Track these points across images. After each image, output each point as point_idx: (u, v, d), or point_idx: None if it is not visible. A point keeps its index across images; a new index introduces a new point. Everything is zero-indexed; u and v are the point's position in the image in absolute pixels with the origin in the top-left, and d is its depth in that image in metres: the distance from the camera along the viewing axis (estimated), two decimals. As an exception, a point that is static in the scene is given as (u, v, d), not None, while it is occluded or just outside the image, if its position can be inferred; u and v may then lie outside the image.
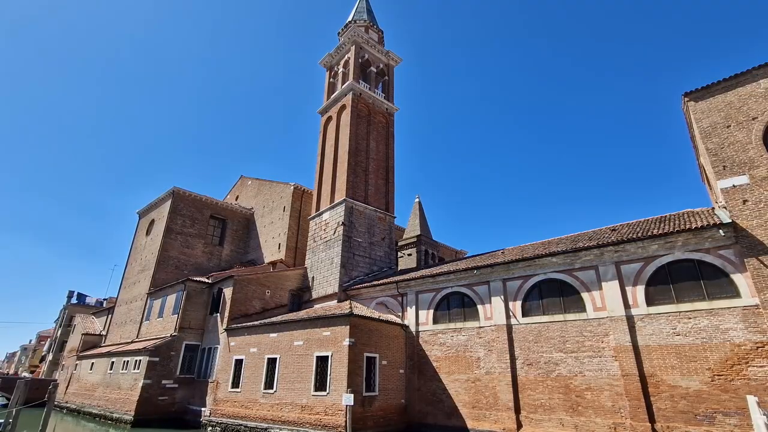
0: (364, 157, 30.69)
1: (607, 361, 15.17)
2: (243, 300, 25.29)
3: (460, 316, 20.10)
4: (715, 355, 13.19)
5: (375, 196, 30.31)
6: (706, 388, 13.07)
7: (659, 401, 13.78)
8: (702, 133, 15.42)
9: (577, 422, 15.18)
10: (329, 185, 30.10)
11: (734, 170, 14.25)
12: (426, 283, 21.71)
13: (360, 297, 24.65)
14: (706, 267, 14.20)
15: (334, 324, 18.97)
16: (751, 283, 13.07)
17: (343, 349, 18.05)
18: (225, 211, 38.55)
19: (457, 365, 19.23)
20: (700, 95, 15.81)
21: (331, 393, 17.67)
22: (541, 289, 17.88)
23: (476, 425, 17.62)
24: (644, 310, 14.91)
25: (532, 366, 16.95)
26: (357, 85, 31.89)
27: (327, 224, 28.64)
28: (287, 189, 35.97)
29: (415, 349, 20.95)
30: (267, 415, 19.69)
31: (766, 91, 14.40)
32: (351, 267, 26.47)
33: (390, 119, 34.00)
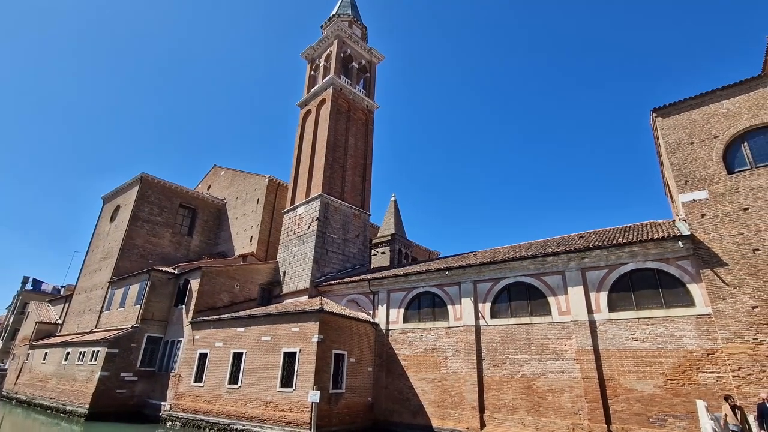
0: (342, 153, 30.44)
1: (569, 363, 15.64)
2: (211, 292, 24.63)
3: (430, 316, 20.25)
4: (669, 361, 13.81)
5: (351, 192, 30.13)
6: (660, 391, 13.68)
7: (616, 403, 14.32)
8: (667, 148, 16.08)
9: (538, 422, 15.59)
10: (305, 180, 29.69)
11: (695, 185, 14.93)
12: (398, 282, 21.76)
13: (331, 293, 24.47)
14: (665, 276, 14.84)
15: (304, 320, 18.74)
16: (705, 293, 13.74)
17: (312, 346, 17.85)
18: (195, 201, 37.41)
19: (425, 364, 19.38)
20: (667, 111, 16.47)
21: (297, 389, 17.46)
22: (510, 292, 18.24)
23: (441, 424, 17.83)
24: (606, 315, 15.45)
25: (497, 367, 17.28)
26: (338, 80, 31.56)
27: (301, 219, 28.26)
28: (262, 181, 35.26)
29: (384, 347, 20.97)
30: (230, 410, 19.26)
31: (728, 111, 15.15)
32: (324, 263, 26.23)
33: (370, 116, 33.84)
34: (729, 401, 10.68)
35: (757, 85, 14.85)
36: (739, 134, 14.71)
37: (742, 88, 15.07)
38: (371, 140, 33.25)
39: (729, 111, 15.12)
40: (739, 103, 14.99)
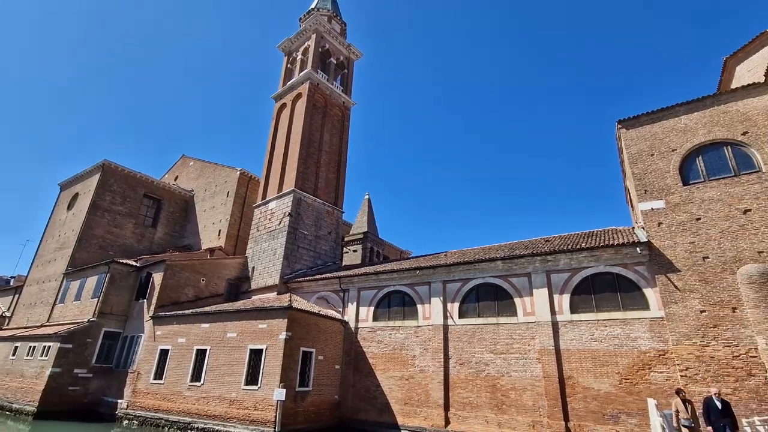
0: (317, 148, 30.13)
1: (531, 363, 16.15)
2: (174, 287, 23.81)
3: (399, 315, 20.40)
4: (624, 361, 14.52)
5: (325, 189, 29.88)
6: (615, 390, 14.36)
7: (574, 401, 14.92)
8: (630, 158, 16.87)
9: (500, 420, 16.02)
10: (278, 174, 29.19)
11: (653, 195, 15.75)
12: (369, 281, 21.78)
13: (301, 290, 24.20)
14: (624, 280, 15.59)
15: (272, 317, 18.44)
16: (659, 297, 14.53)
17: (279, 343, 17.60)
18: (161, 191, 36.03)
19: (393, 363, 19.50)
20: (630, 124, 17.28)
21: (262, 387, 17.16)
22: (478, 293, 18.63)
23: (407, 422, 18.00)
24: (568, 317, 16.06)
25: (464, 365, 17.62)
26: (315, 74, 31.18)
27: (273, 214, 27.77)
28: (233, 174, 34.38)
29: (353, 345, 20.95)
30: (191, 408, 18.70)
31: (686, 126, 16.06)
32: (294, 259, 25.90)
33: (346, 113, 33.65)
34: (680, 395, 10.77)
35: (712, 103, 15.81)
36: (694, 148, 15.62)
37: (699, 105, 16.01)
38: (347, 137, 33.07)
39: (686, 126, 16.03)
40: (696, 119, 15.92)
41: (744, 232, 13.74)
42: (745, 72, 17.68)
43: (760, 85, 15.07)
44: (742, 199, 14.14)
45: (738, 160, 14.81)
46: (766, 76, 14.82)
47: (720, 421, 9.95)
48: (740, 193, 14.23)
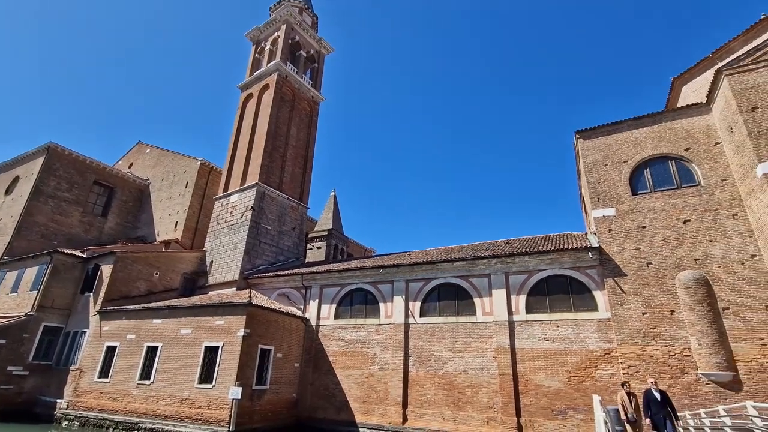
0: (283, 142, 29.52)
1: (488, 361, 16.67)
2: (125, 280, 22.57)
3: (361, 313, 20.41)
4: (573, 359, 15.30)
5: (290, 184, 29.34)
6: (563, 387, 15.11)
7: (526, 398, 15.56)
8: (586, 167, 17.77)
9: (456, 416, 16.43)
10: (241, 166, 28.34)
11: (605, 203, 16.68)
12: (332, 278, 21.64)
13: (262, 286, 23.65)
14: (576, 283, 16.41)
15: (230, 313, 17.91)
16: (606, 300, 15.42)
17: (236, 340, 17.12)
18: (114, 179, 33.98)
19: (353, 360, 19.49)
20: (588, 134, 18.19)
21: (217, 386, 16.64)
22: (439, 292, 18.98)
23: (365, 419, 18.06)
24: (524, 317, 16.70)
25: (423, 363, 17.90)
26: (284, 66, 30.52)
27: (234, 207, 26.94)
28: (193, 163, 32.99)
29: (313, 343, 20.74)
30: (140, 408, 17.82)
31: (636, 140, 17.11)
32: (256, 254, 25.26)
33: (315, 108, 33.19)
34: (625, 387, 10.81)
35: (660, 119, 16.95)
36: (643, 161, 16.69)
37: (648, 120, 17.11)
38: (314, 132, 32.64)
39: (637, 140, 17.08)
40: (645, 134, 17.00)
41: (683, 241, 14.85)
42: (690, 92, 19.06)
43: (702, 105, 16.32)
44: (682, 210, 15.27)
45: (681, 173, 15.97)
46: (707, 98, 16.05)
47: (660, 413, 9.90)
48: (681, 205, 15.36)
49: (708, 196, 15.08)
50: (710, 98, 15.91)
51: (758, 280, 13.43)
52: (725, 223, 14.49)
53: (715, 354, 13.08)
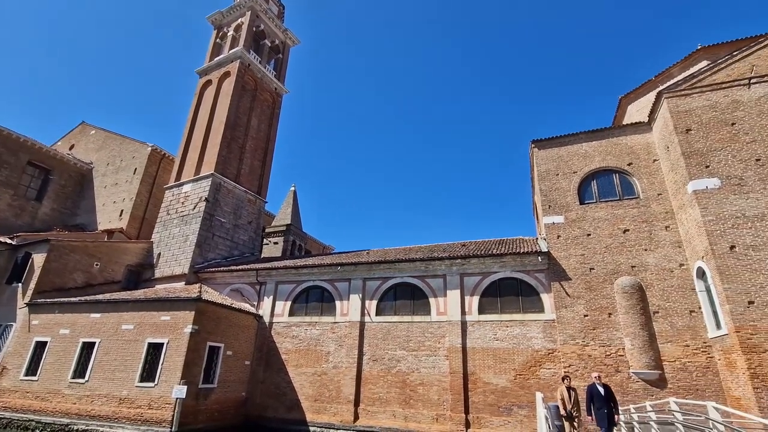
0: (243, 133, 28.56)
1: (440, 360, 17.07)
2: (60, 270, 20.89)
3: (317, 310, 20.20)
4: (520, 358, 16.02)
5: (248, 176, 28.45)
6: (510, 385, 15.79)
7: (475, 395, 16.10)
8: (539, 175, 18.65)
9: (407, 414, 16.69)
10: (196, 155, 27.09)
11: (555, 210, 17.60)
12: (288, 274, 21.24)
13: (213, 281, 22.76)
14: (525, 285, 17.19)
15: (177, 308, 17.10)
16: (553, 302, 16.29)
17: (183, 337, 16.38)
18: (51, 160, 31.29)
19: (306, 359, 19.26)
20: (542, 145, 19.10)
21: (160, 384, 15.83)
22: (396, 291, 19.18)
23: (315, 418, 17.90)
24: (476, 317, 17.27)
25: (377, 362, 18.02)
26: (247, 54, 29.52)
27: (187, 197, 25.71)
28: (143, 149, 31.08)
29: (266, 340, 20.26)
30: (71, 408, 16.59)
31: (585, 152, 18.19)
32: (208, 248, 24.27)
33: (278, 100, 32.39)
34: (565, 382, 10.58)
35: (608, 135, 18.13)
36: (591, 173, 17.77)
37: (596, 135, 18.25)
38: (276, 125, 31.85)
39: (586, 152, 18.17)
40: (594, 147, 18.12)
41: (622, 249, 15.98)
42: (635, 111, 20.55)
43: (644, 124, 17.64)
44: (623, 220, 16.43)
45: (623, 186, 17.17)
46: (649, 118, 17.37)
47: (603, 407, 9.76)
48: (622, 215, 16.52)
49: (645, 209, 16.33)
50: (651, 118, 17.23)
51: (684, 287, 14.73)
52: (659, 234, 15.76)
53: (645, 354, 14.20)
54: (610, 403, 9.83)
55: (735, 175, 13.88)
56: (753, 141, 14.12)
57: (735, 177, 13.86)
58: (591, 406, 10.02)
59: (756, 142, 14.07)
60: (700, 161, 14.47)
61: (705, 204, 13.81)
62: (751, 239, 12.91)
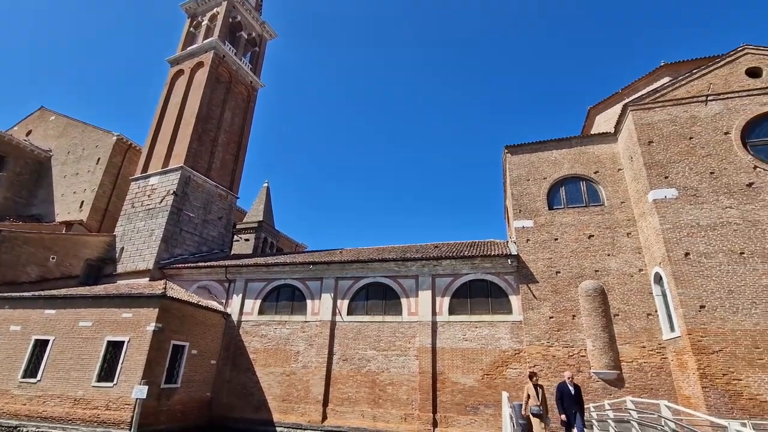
0: (215, 126, 27.79)
1: (410, 359, 17.21)
2: (12, 263, 19.67)
3: (287, 309, 19.93)
4: (487, 359, 16.38)
5: (219, 171, 27.71)
6: (477, 384, 16.11)
7: (443, 395, 16.32)
8: (511, 180, 19.12)
9: (376, 413, 16.73)
10: (165, 147, 26.14)
11: (526, 215, 18.10)
12: (259, 272, 20.85)
13: (180, 278, 22.03)
14: (495, 287, 17.58)
15: (140, 305, 16.46)
16: (520, 304, 16.73)
17: (146, 335, 15.78)
18: (6, 146, 29.38)
19: (275, 358, 18.96)
20: (515, 150, 19.59)
21: (119, 384, 15.19)
22: (368, 291, 19.18)
23: (283, 418, 17.66)
24: (446, 317, 17.51)
25: (347, 362, 17.96)
26: (222, 45, 28.75)
27: (154, 190, 24.77)
28: (108, 138, 29.68)
29: (233, 339, 19.80)
30: (21, 410, 15.65)
31: (555, 159, 18.80)
32: (175, 243, 23.47)
33: (253, 94, 31.72)
34: (533, 379, 10.33)
35: (576, 143, 18.81)
36: (560, 179, 18.38)
37: (566, 143, 18.90)
38: (250, 119, 31.18)
39: (556, 159, 18.77)
40: (563, 155, 18.75)
41: (587, 254, 16.62)
42: (602, 121, 21.40)
43: (610, 135, 18.41)
44: (588, 226, 17.09)
45: (589, 193, 17.86)
46: (615, 129, 18.14)
47: (573, 407, 9.73)
48: (588, 221, 17.18)
49: (609, 215, 17.05)
50: (617, 129, 18.00)
51: (642, 291, 15.47)
52: (621, 240, 16.49)
53: (605, 355, 14.82)
54: (580, 403, 9.84)
55: (691, 187, 14.71)
56: (708, 155, 15.01)
57: (691, 188, 14.69)
58: (561, 405, 9.90)
59: (711, 156, 14.96)
60: (660, 172, 15.24)
61: (663, 213, 14.55)
62: (704, 247, 13.71)
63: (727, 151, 14.84)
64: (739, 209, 13.91)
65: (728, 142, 14.97)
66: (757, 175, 14.20)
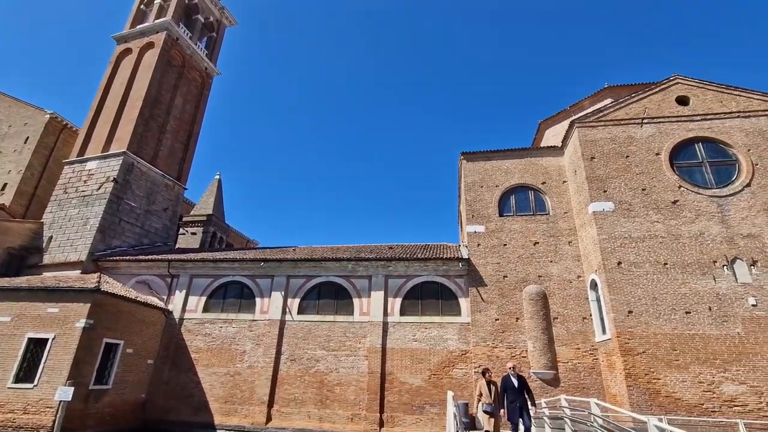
0: (164, 112, 26.24)
1: (359, 360, 17.21)
2: None
3: (234, 307, 19.22)
4: (435, 359, 16.76)
5: (167, 159, 26.18)
6: (424, 384, 16.43)
7: (390, 395, 16.48)
8: (466, 186, 19.73)
9: (322, 414, 16.55)
10: (107, 130, 24.29)
11: (478, 220, 18.75)
12: (206, 267, 19.93)
13: (117, 271, 20.53)
14: (446, 290, 18.04)
15: (69, 299, 15.16)
16: (469, 306, 17.29)
17: (75, 332, 14.56)
18: None
19: (219, 358, 18.20)
20: (471, 157, 20.24)
21: (40, 385, 13.89)
22: (320, 290, 18.96)
23: (225, 420, 16.98)
24: (397, 318, 17.71)
25: (295, 362, 17.63)
26: (176, 27, 27.21)
27: (91, 175, 22.92)
28: (39, 116, 27.06)
29: (174, 337, 18.77)
30: None
31: (507, 169, 19.64)
32: (113, 234, 21.84)
33: (207, 81, 30.30)
34: (486, 375, 9.68)
35: (527, 154, 19.79)
36: (511, 187, 19.23)
37: (517, 153, 19.83)
38: (204, 107, 29.76)
39: (508, 168, 19.63)
40: (515, 165, 19.64)
41: (532, 260, 17.52)
42: (551, 135, 22.68)
43: (558, 148, 19.55)
44: (534, 233, 18.02)
45: (537, 202, 18.85)
46: (562, 143, 19.29)
47: (516, 400, 9.11)
48: (534, 229, 18.11)
49: (553, 224, 18.09)
50: (564, 144, 19.15)
51: (579, 297, 16.56)
52: (563, 248, 17.55)
53: (543, 356, 15.68)
54: (524, 395, 9.27)
55: (626, 201, 15.97)
56: (641, 173, 16.38)
57: (625, 202, 15.95)
58: (504, 398, 9.36)
59: (643, 174, 16.33)
60: (600, 186, 16.41)
61: (601, 224, 15.68)
62: (634, 257, 14.94)
63: (658, 171, 16.28)
64: (665, 224, 15.30)
65: (659, 162, 16.42)
66: (681, 193, 15.70)
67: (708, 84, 17.54)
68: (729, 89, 17.29)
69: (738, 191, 15.40)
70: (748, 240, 14.54)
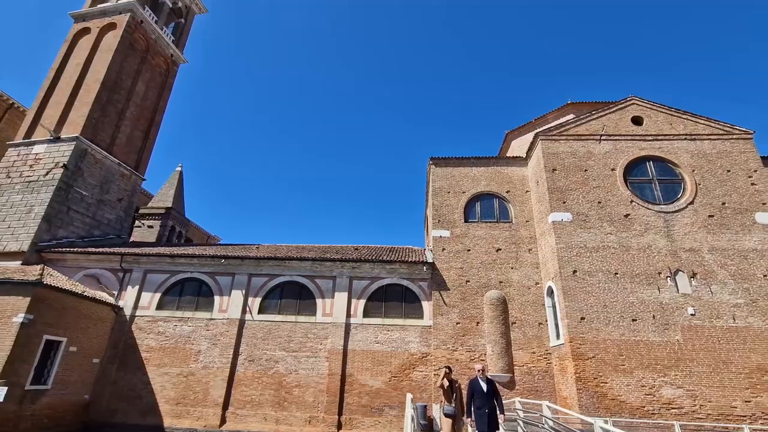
0: (124, 97, 24.90)
1: (320, 361, 17.01)
2: None
3: (191, 305, 18.49)
4: (396, 361, 16.84)
5: (125, 147, 24.84)
6: (384, 386, 16.46)
7: (350, 397, 16.39)
8: (433, 191, 20.02)
9: (279, 416, 16.21)
10: (58, 112, 22.72)
11: (444, 225, 19.06)
12: (162, 263, 19.05)
13: (63, 263, 19.23)
14: (409, 292, 18.20)
15: (6, 292, 14.08)
16: (431, 309, 17.53)
17: (11, 328, 13.50)
18: None
19: (172, 357, 17.42)
20: (439, 163, 20.58)
21: (-32, 386, 12.72)
22: (283, 290, 18.60)
23: (176, 423, 16.26)
24: (360, 320, 17.66)
25: (253, 362, 17.17)
26: (140, 9, 25.91)
27: (38, 160, 21.36)
28: (-19, 93, 24.99)
29: (124, 336, 17.79)
30: None
31: (474, 176, 20.12)
32: (60, 224, 20.43)
33: (173, 68, 29.05)
34: (449, 374, 9.07)
35: (494, 163, 20.36)
36: (476, 194, 19.71)
37: (484, 162, 20.36)
38: (167, 95, 28.49)
39: (474, 176, 20.10)
40: (481, 172, 20.15)
41: (494, 266, 18.01)
42: (516, 146, 23.45)
43: (522, 159, 20.25)
44: (497, 240, 18.55)
45: (500, 210, 19.41)
46: (526, 154, 19.99)
47: (484, 407, 8.06)
48: (497, 236, 18.64)
49: (515, 232, 18.69)
50: (528, 155, 19.86)
51: (537, 303, 17.19)
52: (523, 255, 18.17)
53: (501, 359, 16.15)
54: (493, 401, 8.20)
55: (583, 212, 16.76)
56: (598, 186, 17.26)
57: (582, 214, 16.74)
58: (471, 404, 8.31)
59: (599, 188, 17.21)
60: (560, 197, 17.14)
61: (559, 233, 16.37)
62: (588, 266, 15.70)
63: (612, 185, 17.22)
64: (617, 236, 16.19)
65: (614, 177, 17.37)
66: (633, 208, 16.68)
67: (660, 106, 18.76)
68: (678, 113, 18.58)
69: (682, 208, 16.55)
70: (689, 254, 15.65)
